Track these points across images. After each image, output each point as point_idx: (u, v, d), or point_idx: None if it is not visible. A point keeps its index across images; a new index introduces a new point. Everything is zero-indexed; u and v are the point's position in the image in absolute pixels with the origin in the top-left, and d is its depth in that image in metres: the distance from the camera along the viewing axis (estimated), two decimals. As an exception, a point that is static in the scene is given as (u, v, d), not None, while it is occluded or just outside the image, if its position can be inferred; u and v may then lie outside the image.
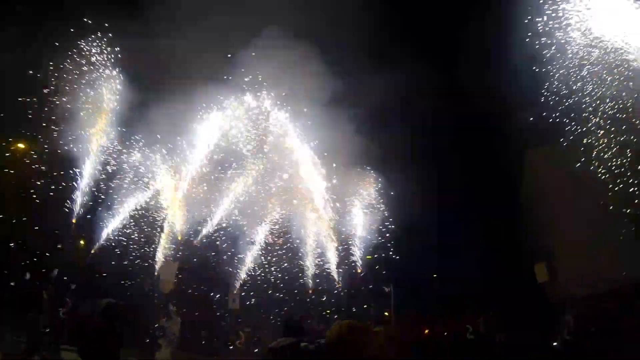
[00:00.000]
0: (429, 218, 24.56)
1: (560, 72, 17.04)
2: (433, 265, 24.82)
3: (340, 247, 23.56)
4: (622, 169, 19.28)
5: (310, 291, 22.96)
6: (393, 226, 23.77)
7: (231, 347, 19.33)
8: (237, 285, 22.26)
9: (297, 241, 23.50)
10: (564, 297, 19.29)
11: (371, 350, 2.74)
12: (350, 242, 23.93)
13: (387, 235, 23.69)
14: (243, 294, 22.20)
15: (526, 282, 20.98)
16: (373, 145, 22.53)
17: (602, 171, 18.91)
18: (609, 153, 18.76)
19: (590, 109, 17.77)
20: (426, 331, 20.99)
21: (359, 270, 23.47)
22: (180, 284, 19.68)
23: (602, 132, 18.32)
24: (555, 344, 16.28)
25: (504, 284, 21.89)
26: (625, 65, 15.55)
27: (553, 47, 16.53)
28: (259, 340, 19.55)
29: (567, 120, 19.29)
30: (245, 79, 20.99)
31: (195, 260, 21.44)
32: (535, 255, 21.97)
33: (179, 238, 20.78)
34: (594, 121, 18.12)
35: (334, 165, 22.65)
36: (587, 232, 18.83)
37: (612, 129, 17.86)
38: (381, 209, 23.82)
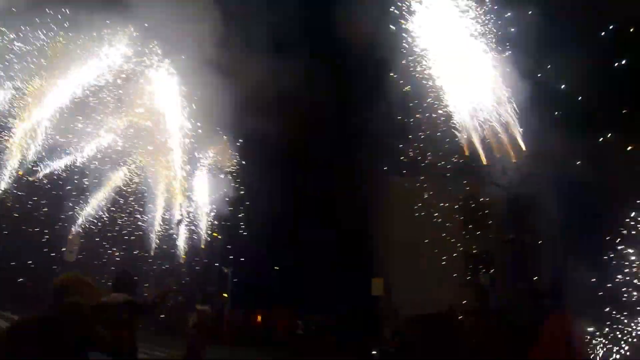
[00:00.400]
0: (283, 213, 24.41)
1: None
2: (278, 258, 24.54)
3: (187, 215, 22.30)
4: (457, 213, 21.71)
5: (152, 253, 21.22)
6: (244, 208, 23.19)
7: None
8: (77, 235, 19.67)
9: (144, 199, 21.69)
10: (392, 312, 20.56)
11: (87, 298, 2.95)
12: (196, 213, 22.83)
13: (239, 219, 23.10)
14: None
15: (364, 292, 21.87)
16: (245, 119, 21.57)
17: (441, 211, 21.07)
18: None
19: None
20: (259, 318, 20.74)
21: (203, 245, 22.48)
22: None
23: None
24: (374, 352, 17.16)
25: (345, 289, 22.52)
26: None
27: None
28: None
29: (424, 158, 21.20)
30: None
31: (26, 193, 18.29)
32: (376, 270, 23.18)
33: (19, 173, 17.63)
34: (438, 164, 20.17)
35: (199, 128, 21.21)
36: (423, 260, 20.41)
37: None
38: (237, 188, 23.08)
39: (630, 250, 14.88)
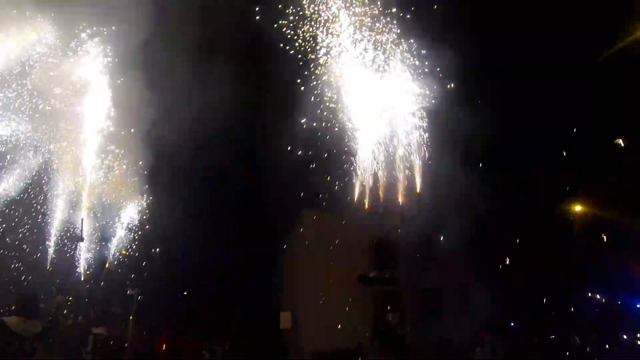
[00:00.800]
0: (195, 235, 23.74)
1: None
2: (186, 281, 23.65)
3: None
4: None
5: (47, 268, 19.68)
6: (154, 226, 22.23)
7: None
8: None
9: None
10: (298, 347, 20.68)
11: None
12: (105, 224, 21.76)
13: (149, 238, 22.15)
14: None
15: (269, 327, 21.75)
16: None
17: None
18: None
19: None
20: (163, 347, 19.91)
21: (107, 265, 21.28)
22: None
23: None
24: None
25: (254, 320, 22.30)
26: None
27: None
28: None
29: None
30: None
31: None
32: (284, 304, 23.25)
33: None
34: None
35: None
36: (334, 297, 20.79)
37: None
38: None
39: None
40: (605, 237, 16.14)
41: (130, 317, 18.65)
